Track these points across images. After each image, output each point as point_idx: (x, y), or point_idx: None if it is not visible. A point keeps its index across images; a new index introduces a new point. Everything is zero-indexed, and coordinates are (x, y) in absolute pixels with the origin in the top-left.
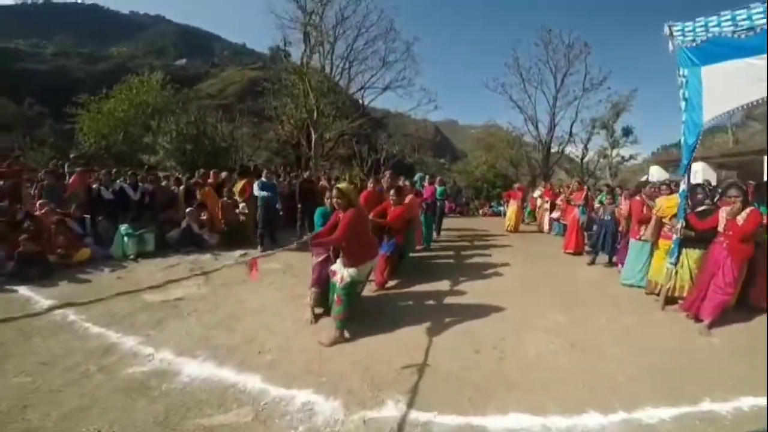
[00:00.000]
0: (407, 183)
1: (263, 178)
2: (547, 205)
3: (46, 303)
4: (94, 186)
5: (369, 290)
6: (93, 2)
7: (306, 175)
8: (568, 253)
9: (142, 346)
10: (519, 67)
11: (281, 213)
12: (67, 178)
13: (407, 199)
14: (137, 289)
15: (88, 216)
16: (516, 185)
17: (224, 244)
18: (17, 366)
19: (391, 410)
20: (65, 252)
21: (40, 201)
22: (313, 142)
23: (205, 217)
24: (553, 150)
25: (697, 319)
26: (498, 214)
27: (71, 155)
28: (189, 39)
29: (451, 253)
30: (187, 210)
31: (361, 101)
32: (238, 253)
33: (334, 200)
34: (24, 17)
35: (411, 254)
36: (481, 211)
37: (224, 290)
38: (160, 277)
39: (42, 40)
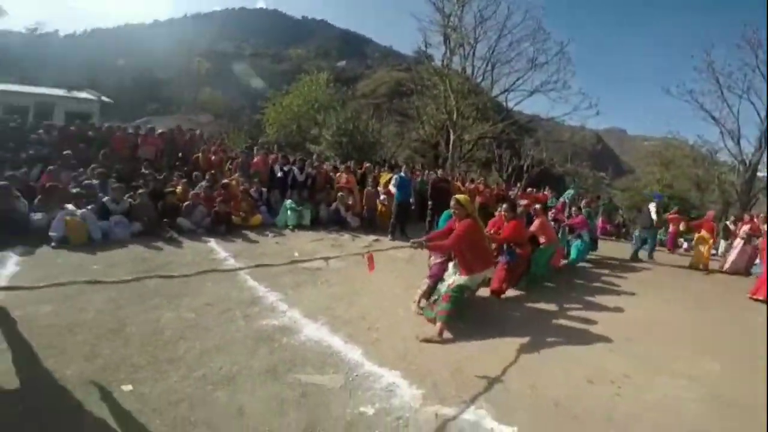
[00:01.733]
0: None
1: (402, 173)
2: (739, 241)
3: (222, 254)
4: (274, 165)
5: (482, 294)
6: (274, 8)
7: (440, 173)
8: (756, 300)
9: (280, 303)
10: (714, 71)
11: (413, 207)
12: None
13: (536, 225)
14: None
15: (265, 189)
16: (709, 213)
17: (363, 228)
18: (189, 303)
19: (469, 414)
20: (246, 216)
21: (237, 174)
22: (451, 144)
23: (351, 202)
24: (760, 174)
25: None
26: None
27: (259, 141)
28: (348, 41)
29: (592, 277)
30: (338, 194)
31: (504, 104)
32: (371, 237)
33: (452, 210)
34: (228, 22)
35: (542, 273)
36: None
37: (354, 269)
38: (308, 248)
39: (241, 43)
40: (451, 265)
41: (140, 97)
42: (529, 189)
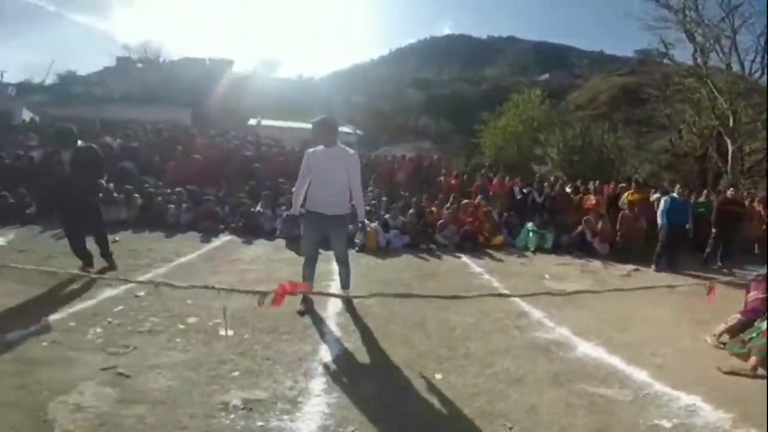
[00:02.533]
0: None
1: (674, 194)
2: None
3: (477, 269)
4: (514, 188)
5: None
6: (460, 32)
7: (729, 194)
8: None
9: (546, 320)
10: None
11: (691, 235)
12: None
13: None
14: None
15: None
16: None
17: (614, 256)
18: (466, 308)
19: None
20: (488, 236)
21: (479, 196)
22: (729, 155)
23: (600, 227)
24: None
25: None
26: None
27: (486, 164)
28: (544, 53)
29: None
30: (585, 218)
31: None
32: (629, 266)
33: None
34: (424, 52)
35: None
36: None
37: (613, 297)
38: (555, 271)
39: (439, 70)
40: None
41: (373, 128)
42: None
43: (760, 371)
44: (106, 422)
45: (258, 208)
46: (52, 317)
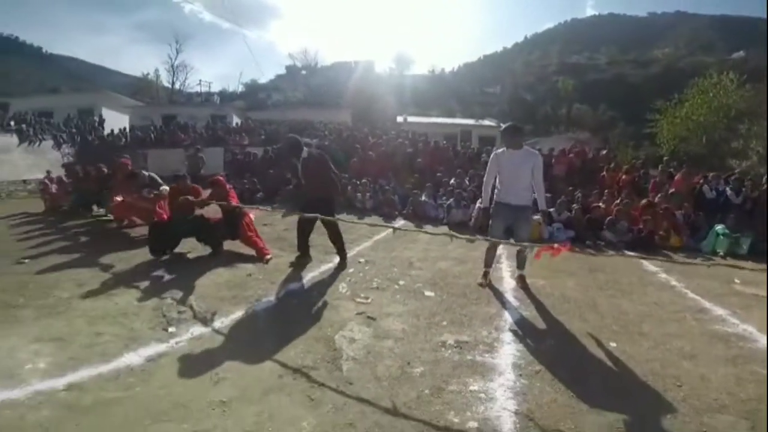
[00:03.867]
0: None
1: None
2: None
3: (652, 268)
4: (704, 185)
5: None
6: (609, 12)
7: None
8: None
9: (729, 317)
10: None
11: None
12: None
13: None
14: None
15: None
16: None
17: None
18: (639, 299)
19: None
20: (665, 236)
21: (658, 194)
22: None
23: None
24: None
25: None
26: None
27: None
28: (731, 29)
29: None
30: None
31: None
32: None
33: None
34: (566, 35)
35: None
36: None
37: None
38: (747, 276)
39: (592, 53)
40: None
41: (515, 120)
42: None
43: None
44: (371, 351)
45: (423, 197)
46: (311, 275)
